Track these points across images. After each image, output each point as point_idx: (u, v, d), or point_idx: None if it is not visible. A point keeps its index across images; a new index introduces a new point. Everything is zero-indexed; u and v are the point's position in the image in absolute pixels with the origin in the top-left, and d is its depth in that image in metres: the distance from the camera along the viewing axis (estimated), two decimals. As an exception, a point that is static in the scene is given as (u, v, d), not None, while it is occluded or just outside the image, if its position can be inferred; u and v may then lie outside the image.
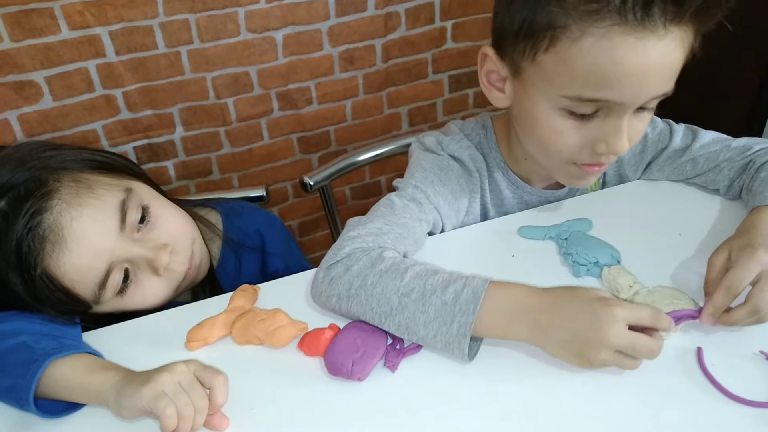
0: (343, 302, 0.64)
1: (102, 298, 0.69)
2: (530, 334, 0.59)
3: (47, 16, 1.22)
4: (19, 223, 0.63)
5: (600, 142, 0.66)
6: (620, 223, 0.78)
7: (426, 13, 1.56)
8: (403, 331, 0.61)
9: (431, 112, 1.72)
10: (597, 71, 0.61)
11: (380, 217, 0.71)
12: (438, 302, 0.59)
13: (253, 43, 1.41)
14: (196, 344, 0.64)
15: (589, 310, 0.57)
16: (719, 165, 0.81)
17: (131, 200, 0.71)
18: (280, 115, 1.54)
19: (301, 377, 0.61)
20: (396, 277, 0.62)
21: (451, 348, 0.59)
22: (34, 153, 0.70)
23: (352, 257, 0.65)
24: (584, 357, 0.56)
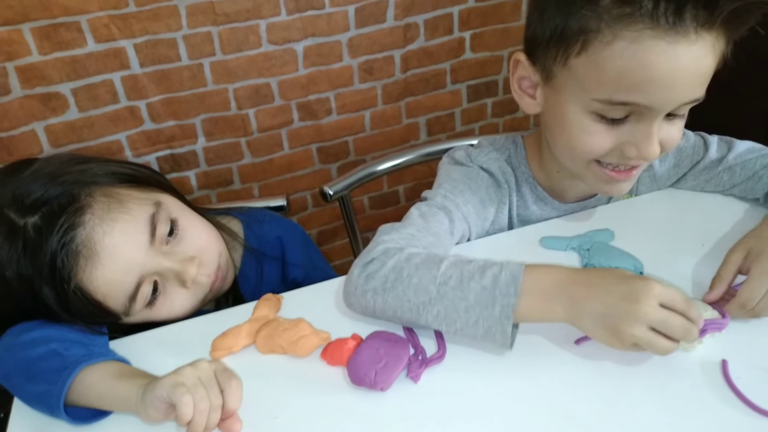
0: (379, 296, 0.63)
1: (132, 310, 0.70)
2: (566, 311, 0.58)
3: (74, 29, 1.25)
4: (53, 238, 0.65)
5: (630, 147, 0.66)
6: (642, 234, 0.78)
7: (445, 23, 1.57)
8: (442, 320, 0.61)
9: (449, 122, 1.73)
10: (628, 75, 0.61)
11: (412, 225, 0.72)
12: (477, 287, 0.60)
13: (274, 55, 1.43)
14: (221, 353, 0.65)
15: (625, 283, 0.57)
16: (757, 173, 0.80)
17: (160, 214, 0.72)
18: (300, 126, 1.56)
19: (324, 387, 0.61)
20: (432, 268, 0.62)
21: (493, 333, 0.59)
22: (65, 167, 0.71)
23: (387, 254, 0.65)
24: (616, 331, 0.56)
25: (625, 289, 0.56)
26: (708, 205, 0.83)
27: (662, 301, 0.55)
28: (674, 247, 0.75)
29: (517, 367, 0.61)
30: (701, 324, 0.57)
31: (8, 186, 0.68)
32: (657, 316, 0.55)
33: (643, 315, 0.54)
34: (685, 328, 0.55)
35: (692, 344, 0.60)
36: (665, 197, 0.87)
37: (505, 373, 0.61)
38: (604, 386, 0.58)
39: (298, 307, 0.71)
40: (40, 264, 0.65)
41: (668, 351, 0.56)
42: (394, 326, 0.67)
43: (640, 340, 0.55)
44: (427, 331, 0.66)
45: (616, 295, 0.56)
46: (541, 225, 0.82)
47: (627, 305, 0.55)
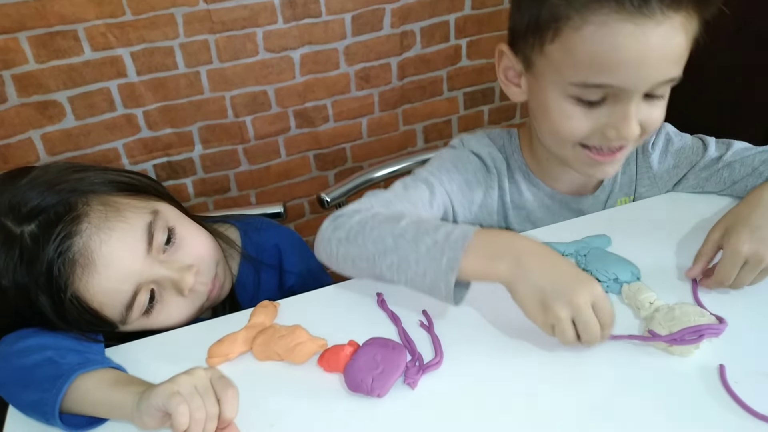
0: (342, 245, 0.67)
1: (128, 318, 0.70)
2: (509, 271, 0.59)
3: (71, 38, 1.25)
4: (50, 247, 0.64)
5: (609, 128, 0.68)
6: (639, 239, 0.77)
7: (441, 31, 1.57)
8: (395, 270, 0.63)
9: (446, 129, 1.73)
10: (598, 58, 0.64)
11: (392, 191, 0.76)
12: (429, 241, 0.62)
13: (271, 63, 1.43)
14: (217, 360, 0.65)
15: (574, 271, 0.60)
16: (757, 169, 0.80)
17: (158, 222, 0.72)
18: (297, 133, 1.56)
19: (320, 393, 0.61)
20: (393, 222, 0.65)
21: (438, 285, 0.61)
22: (62, 175, 0.71)
23: (358, 211, 0.69)
24: (546, 307, 0.58)
25: (572, 276, 0.59)
26: (705, 210, 0.83)
27: (595, 302, 0.58)
28: (671, 252, 0.75)
29: (513, 373, 0.61)
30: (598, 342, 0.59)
31: (5, 194, 0.68)
32: (585, 313, 0.57)
33: (576, 303, 0.57)
34: (594, 336, 0.58)
35: (689, 350, 0.60)
36: (662, 202, 0.87)
37: (503, 380, 0.61)
38: (601, 392, 0.58)
39: (294, 314, 0.71)
40: (36, 273, 0.65)
41: (569, 344, 0.59)
42: (390, 332, 0.67)
43: (560, 323, 0.58)
44: (423, 337, 0.66)
45: (560, 277, 0.59)
46: (538, 231, 0.82)
47: (566, 290, 0.57)
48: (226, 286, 0.82)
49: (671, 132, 0.88)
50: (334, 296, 0.74)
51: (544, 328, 0.59)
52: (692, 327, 0.59)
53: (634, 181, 0.89)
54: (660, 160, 0.87)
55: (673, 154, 0.86)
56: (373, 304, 0.71)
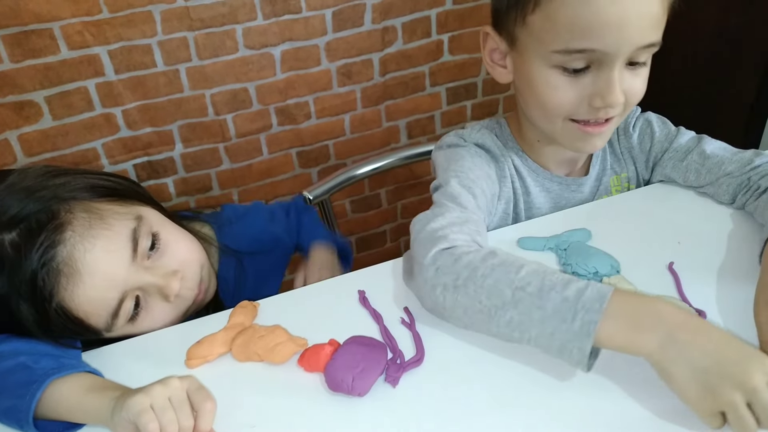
0: (449, 293, 0.60)
1: (114, 326, 0.69)
2: (660, 348, 0.52)
3: (47, 36, 1.23)
4: (33, 256, 0.63)
5: (595, 97, 0.70)
6: (619, 233, 0.78)
7: (422, 26, 1.57)
8: (515, 327, 0.57)
9: (429, 125, 1.73)
10: (578, 22, 0.66)
11: (447, 209, 0.70)
12: (558, 298, 0.55)
13: (252, 60, 1.42)
14: (196, 362, 0.64)
15: (741, 348, 0.51)
16: (719, 179, 0.81)
17: (142, 228, 0.71)
18: (279, 131, 1.55)
19: (301, 393, 0.61)
20: (510, 271, 0.59)
21: (569, 349, 0.54)
22: (41, 181, 0.69)
23: (459, 248, 0.62)
24: (713, 391, 0.49)
25: (740, 353, 0.51)
26: (684, 204, 0.84)
27: (755, 395, 0.49)
28: (651, 245, 0.76)
29: (495, 371, 0.61)
30: None
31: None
32: (764, 394, 0.48)
33: (750, 386, 0.48)
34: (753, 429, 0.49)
35: None
36: (641, 196, 0.87)
37: (484, 377, 0.61)
38: (583, 388, 0.58)
39: (274, 313, 0.70)
40: (18, 282, 0.63)
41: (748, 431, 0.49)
42: (371, 331, 0.66)
43: (734, 410, 0.49)
44: (404, 335, 0.66)
45: (727, 355, 0.51)
46: (518, 225, 0.82)
47: (737, 370, 0.49)
48: (211, 289, 0.82)
49: (652, 117, 0.90)
50: (315, 295, 0.74)
51: (712, 418, 0.50)
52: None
53: (621, 159, 0.91)
54: (638, 141, 0.89)
55: (649, 136, 0.88)
56: (355, 302, 0.71)
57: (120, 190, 0.75)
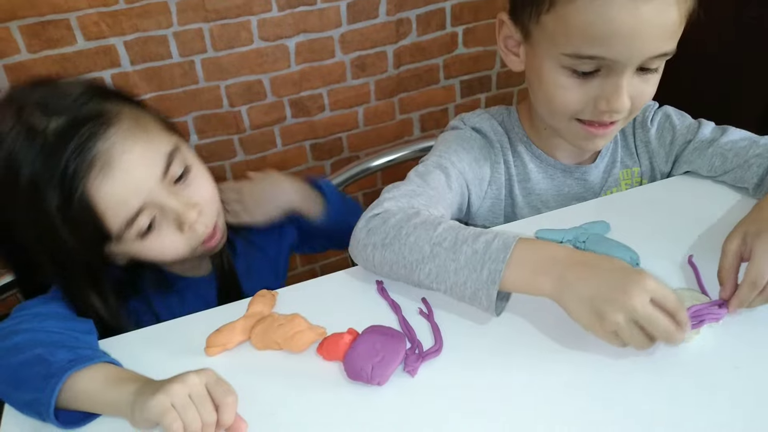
0: (377, 251, 0.66)
1: (126, 235, 0.70)
2: (554, 287, 0.57)
3: (63, 27, 1.24)
4: (72, 143, 0.65)
5: (601, 100, 0.70)
6: (637, 225, 0.77)
7: (437, 19, 1.56)
8: (433, 279, 0.63)
9: (443, 118, 1.73)
10: (591, 29, 0.65)
11: (412, 182, 0.75)
12: (469, 250, 0.61)
13: (266, 51, 1.42)
14: (216, 350, 0.64)
15: (621, 273, 0.56)
16: (748, 161, 0.80)
17: (177, 155, 0.73)
18: (293, 122, 1.55)
19: (320, 382, 0.61)
20: (429, 229, 0.64)
21: (479, 296, 0.60)
22: (103, 85, 0.75)
23: (390, 212, 0.68)
24: (600, 315, 0.54)
25: (620, 278, 0.55)
26: (702, 195, 0.83)
27: (654, 297, 0.54)
28: (669, 237, 0.75)
29: (514, 361, 0.61)
30: (687, 328, 0.55)
31: (38, 89, 0.69)
32: (644, 311, 0.53)
33: (630, 306, 0.53)
34: (668, 330, 0.53)
35: (690, 335, 0.60)
36: (659, 188, 0.87)
37: (502, 367, 0.61)
38: (601, 380, 0.58)
39: (293, 302, 0.70)
40: (53, 166, 0.65)
41: (644, 347, 0.55)
42: (390, 321, 0.66)
43: (621, 330, 0.54)
44: (422, 324, 0.66)
45: (609, 282, 0.55)
46: (537, 218, 0.82)
47: (618, 293, 0.54)
48: (222, 239, 0.82)
49: (670, 110, 0.89)
50: (334, 284, 0.74)
51: (609, 340, 0.55)
52: (692, 310, 0.59)
53: (635, 154, 0.90)
54: (657, 135, 0.89)
55: (669, 129, 0.88)
56: (373, 292, 0.71)
57: (166, 121, 0.78)
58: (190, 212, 0.72)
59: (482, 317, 0.66)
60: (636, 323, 0.54)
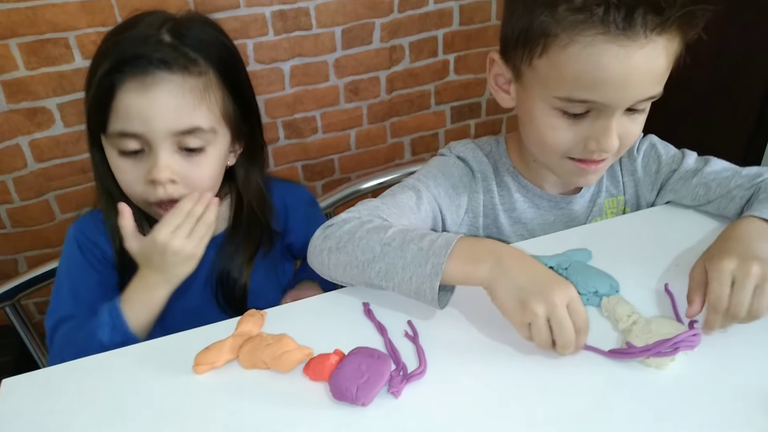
0: (332, 254, 0.70)
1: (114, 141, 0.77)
2: (489, 272, 0.62)
3: (62, 45, 1.26)
4: (155, 53, 0.73)
5: (591, 140, 0.72)
6: (619, 253, 0.79)
7: (429, 46, 1.60)
8: (383, 276, 0.67)
9: (433, 142, 1.76)
10: (583, 75, 0.67)
11: (380, 199, 0.80)
12: (415, 248, 0.65)
13: (261, 74, 1.45)
14: (204, 368, 0.65)
15: (551, 274, 0.62)
16: (731, 192, 0.83)
17: (205, 135, 0.78)
18: (285, 144, 1.58)
19: (306, 401, 0.62)
20: (380, 231, 0.69)
21: (423, 289, 0.64)
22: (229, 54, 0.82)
23: (346, 220, 0.73)
24: (523, 305, 0.59)
25: (549, 277, 0.61)
26: (683, 226, 0.86)
27: (570, 304, 0.59)
28: (649, 266, 0.77)
29: (495, 384, 0.62)
30: (576, 351, 0.61)
31: (195, 20, 0.80)
32: (560, 312, 0.58)
33: (551, 302, 0.58)
34: (569, 340, 0.59)
35: (665, 362, 0.62)
36: (642, 218, 0.89)
37: (485, 390, 0.62)
38: (580, 404, 0.59)
39: (281, 322, 0.72)
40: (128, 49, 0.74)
41: (544, 347, 0.60)
42: (376, 342, 0.68)
43: (536, 322, 0.59)
44: (408, 347, 0.67)
45: (540, 277, 0.61)
46: (520, 244, 0.84)
47: (544, 288, 0.59)
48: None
49: (656, 140, 0.92)
50: (322, 306, 0.75)
51: (521, 328, 0.61)
52: (668, 340, 0.61)
53: (621, 183, 0.92)
54: (643, 164, 0.91)
55: (655, 159, 0.90)
56: (360, 314, 0.72)
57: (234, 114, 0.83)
58: (163, 173, 0.76)
59: (467, 340, 0.67)
60: (547, 322, 0.59)
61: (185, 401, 0.62)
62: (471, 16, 1.59)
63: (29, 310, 1.47)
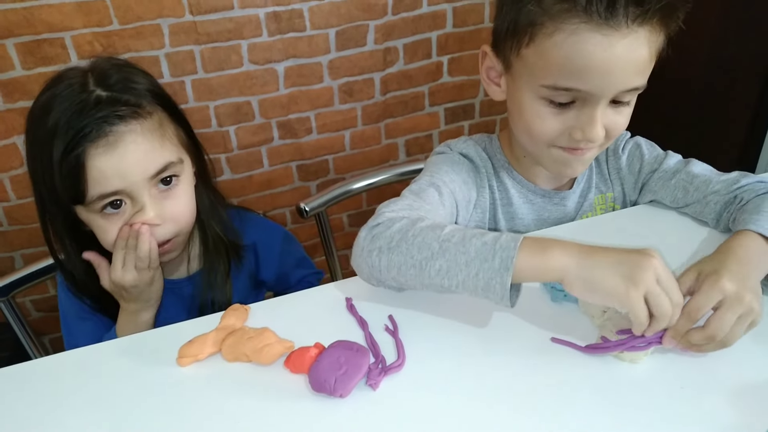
0: (383, 255, 0.67)
1: (93, 205, 0.77)
2: (571, 261, 0.60)
3: (58, 45, 1.27)
4: (101, 113, 0.74)
5: (576, 130, 0.74)
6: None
7: (423, 48, 1.61)
8: (444, 274, 0.64)
9: (427, 143, 1.77)
10: (568, 63, 0.69)
11: (407, 198, 0.77)
12: (478, 243, 0.63)
13: (256, 75, 1.46)
14: (187, 360, 0.67)
15: (633, 249, 0.60)
16: (707, 197, 0.84)
17: (175, 167, 0.81)
18: (280, 144, 1.59)
19: (286, 393, 0.63)
20: (436, 229, 0.66)
21: (493, 285, 0.61)
22: (158, 87, 0.83)
23: (392, 219, 0.70)
24: (632, 278, 0.57)
25: (634, 251, 0.60)
26: (667, 225, 0.87)
27: (659, 276, 0.58)
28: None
29: (472, 377, 0.63)
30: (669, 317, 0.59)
31: (115, 65, 0.80)
32: (666, 273, 0.59)
33: (658, 268, 0.58)
34: (679, 301, 0.59)
35: (639, 356, 0.63)
36: (626, 216, 0.90)
37: (462, 383, 0.63)
38: (555, 397, 0.60)
39: (265, 317, 0.73)
40: (76, 121, 0.73)
41: (669, 315, 0.58)
42: (357, 336, 0.69)
43: (654, 291, 0.58)
44: (387, 341, 0.68)
45: (628, 253, 0.60)
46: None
47: (642, 259, 0.58)
48: (171, 256, 0.88)
49: (641, 140, 0.94)
50: (304, 301, 0.76)
51: (637, 307, 0.58)
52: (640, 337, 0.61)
53: (608, 180, 0.94)
54: (627, 162, 0.93)
55: (638, 158, 0.92)
56: (342, 309, 0.74)
57: (190, 141, 0.86)
58: (148, 214, 0.79)
59: (446, 334, 0.68)
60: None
61: (169, 393, 0.64)
62: (464, 18, 1.61)
63: (25, 307, 1.49)
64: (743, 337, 0.64)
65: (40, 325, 1.51)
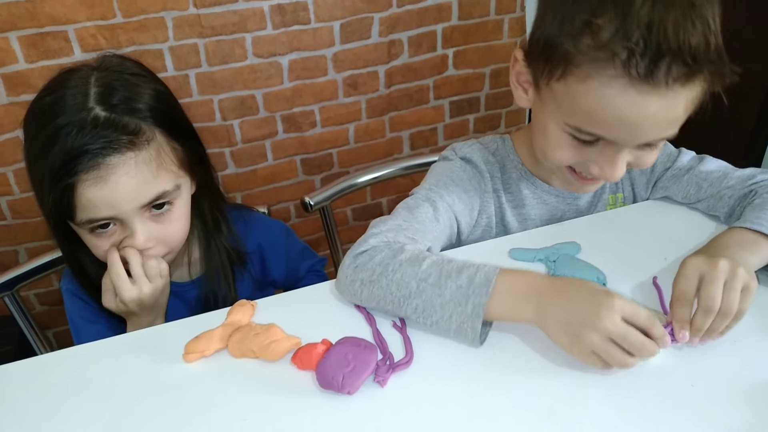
0: (365, 287, 0.69)
1: (82, 227, 0.77)
2: (534, 314, 0.62)
3: (61, 38, 1.27)
4: (97, 142, 0.71)
5: (594, 165, 0.72)
6: (608, 247, 0.80)
7: (428, 41, 1.60)
8: (420, 313, 0.66)
9: (432, 137, 1.76)
10: (596, 112, 0.66)
11: (399, 216, 0.77)
12: (453, 285, 0.64)
13: (260, 68, 1.45)
14: (194, 356, 0.66)
15: (591, 296, 0.60)
16: (721, 192, 0.83)
17: (171, 194, 0.79)
18: (284, 137, 1.58)
19: (293, 390, 0.63)
20: (415, 265, 0.67)
21: (464, 328, 0.63)
22: (160, 94, 0.79)
23: (377, 249, 0.70)
24: (576, 337, 0.59)
25: (590, 301, 0.60)
26: (675, 220, 0.86)
27: (624, 315, 0.58)
28: (638, 260, 0.78)
29: (479, 373, 0.63)
30: (666, 341, 0.59)
31: (126, 70, 0.77)
32: (616, 329, 0.57)
33: (602, 327, 0.57)
34: (642, 344, 0.58)
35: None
36: (631, 212, 0.90)
37: (469, 379, 0.63)
38: (563, 394, 0.60)
39: (271, 313, 0.72)
40: (75, 139, 0.70)
41: (625, 364, 0.58)
42: (364, 333, 0.69)
43: (598, 348, 0.58)
44: (395, 337, 0.68)
45: (580, 306, 0.60)
46: (512, 237, 0.85)
47: (589, 316, 0.58)
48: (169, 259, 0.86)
49: None
50: (311, 297, 0.76)
51: (590, 361, 0.60)
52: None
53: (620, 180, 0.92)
54: None
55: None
56: (350, 305, 0.73)
57: (189, 158, 0.82)
58: (139, 242, 0.78)
59: (453, 331, 0.68)
60: (612, 342, 0.58)
61: (175, 389, 0.63)
62: (470, 11, 1.59)
63: (29, 301, 1.49)
64: (753, 334, 0.64)
65: (45, 318, 1.51)
